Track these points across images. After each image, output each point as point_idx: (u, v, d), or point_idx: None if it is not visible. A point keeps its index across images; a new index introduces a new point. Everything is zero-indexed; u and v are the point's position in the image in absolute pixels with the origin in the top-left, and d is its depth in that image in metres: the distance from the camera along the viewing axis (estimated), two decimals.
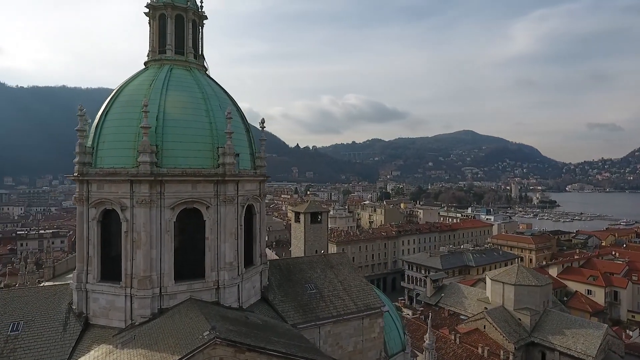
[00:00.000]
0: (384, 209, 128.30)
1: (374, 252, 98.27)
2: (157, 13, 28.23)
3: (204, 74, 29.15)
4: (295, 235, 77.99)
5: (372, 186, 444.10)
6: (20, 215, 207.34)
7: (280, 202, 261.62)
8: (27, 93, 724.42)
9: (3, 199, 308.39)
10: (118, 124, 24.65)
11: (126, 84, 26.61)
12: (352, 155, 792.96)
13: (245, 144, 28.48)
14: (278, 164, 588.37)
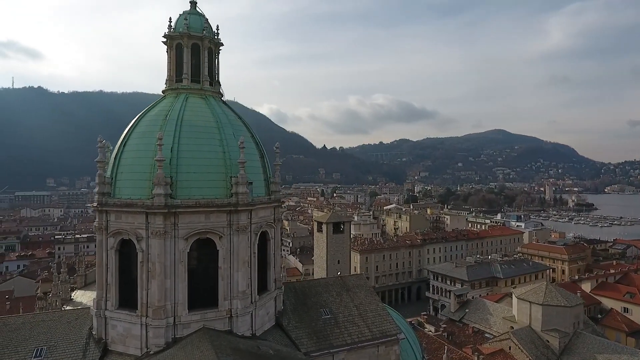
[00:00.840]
0: (410, 216, 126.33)
1: (398, 260, 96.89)
2: (174, 42, 28.81)
3: (219, 101, 29.57)
4: (318, 244, 77.97)
5: (400, 188, 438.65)
6: (59, 217, 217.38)
7: (306, 205, 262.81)
8: (67, 98, 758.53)
9: (45, 201, 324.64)
10: (135, 155, 25.31)
11: (144, 114, 27.30)
12: (379, 156, 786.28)
13: (259, 170, 28.61)
14: (305, 165, 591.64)
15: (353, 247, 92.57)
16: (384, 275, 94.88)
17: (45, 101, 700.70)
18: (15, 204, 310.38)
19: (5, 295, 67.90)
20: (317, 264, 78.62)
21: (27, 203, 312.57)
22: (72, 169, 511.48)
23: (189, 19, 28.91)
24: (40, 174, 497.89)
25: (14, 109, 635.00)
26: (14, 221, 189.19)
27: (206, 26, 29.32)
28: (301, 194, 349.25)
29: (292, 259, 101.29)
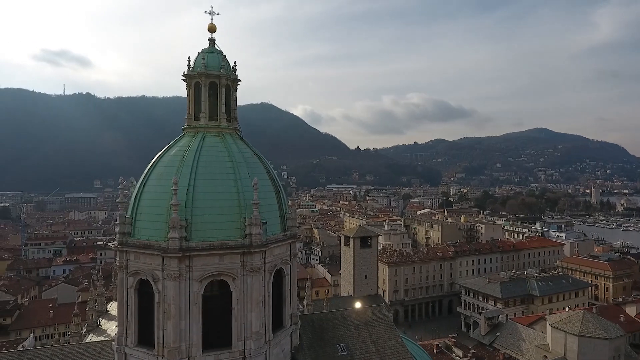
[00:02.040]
0: (442, 226, 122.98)
1: (429, 273, 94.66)
2: (192, 81, 29.45)
3: (236, 138, 29.84)
4: (345, 258, 77.54)
5: (434, 190, 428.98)
6: (104, 219, 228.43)
7: (338, 209, 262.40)
8: (113, 103, 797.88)
9: (91, 203, 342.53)
10: (153, 197, 26.08)
11: (163, 154, 28.08)
12: (413, 156, 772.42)
13: (275, 207, 28.70)
14: (338, 166, 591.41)
15: (382, 259, 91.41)
16: (413, 288, 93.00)
17: (93, 106, 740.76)
18: (65, 206, 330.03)
19: (49, 303, 71.99)
20: (345, 277, 78.21)
21: (76, 205, 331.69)
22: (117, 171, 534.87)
23: (207, 57, 29.46)
24: (88, 176, 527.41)
25: (65, 115, 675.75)
26: (63, 224, 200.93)
27: (224, 64, 29.76)
28: (333, 196, 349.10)
29: (321, 268, 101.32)
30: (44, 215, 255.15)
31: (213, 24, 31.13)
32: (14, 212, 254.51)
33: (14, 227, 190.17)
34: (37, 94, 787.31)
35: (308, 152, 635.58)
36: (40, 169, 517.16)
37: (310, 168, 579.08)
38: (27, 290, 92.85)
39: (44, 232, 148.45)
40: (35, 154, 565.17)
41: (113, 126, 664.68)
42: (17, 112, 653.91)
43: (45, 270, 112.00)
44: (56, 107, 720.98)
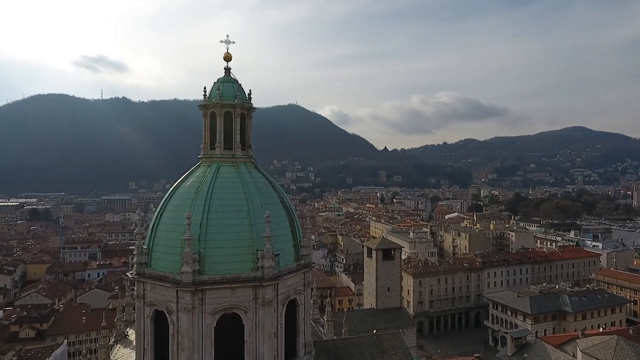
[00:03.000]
0: (469, 234, 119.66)
1: (455, 284, 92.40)
2: (208, 111, 29.98)
3: (250, 166, 30.07)
4: (368, 270, 76.85)
5: (464, 192, 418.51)
6: (137, 222, 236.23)
7: (364, 212, 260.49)
8: (147, 107, 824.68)
9: (126, 205, 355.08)
10: (168, 229, 26.68)
11: (180, 184, 28.72)
12: (442, 157, 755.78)
13: (288, 236, 28.76)
14: (365, 167, 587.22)
15: (406, 270, 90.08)
16: (439, 299, 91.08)
17: (128, 110, 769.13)
18: (102, 207, 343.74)
19: (82, 309, 75.05)
20: (367, 289, 77.54)
21: (112, 206, 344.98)
22: (150, 172, 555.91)
23: (222, 87, 29.87)
24: (124, 178, 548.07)
25: (103, 118, 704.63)
26: (99, 226, 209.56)
27: (238, 93, 30.04)
28: (360, 199, 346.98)
29: (345, 277, 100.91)
30: (82, 217, 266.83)
31: (229, 53, 31.59)
32: (55, 214, 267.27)
33: (55, 229, 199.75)
34: (77, 99, 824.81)
35: (335, 153, 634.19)
36: (80, 171, 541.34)
37: (337, 169, 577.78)
38: (64, 294, 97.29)
39: (80, 236, 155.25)
40: (75, 157, 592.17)
41: (147, 129, 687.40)
42: (59, 117, 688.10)
43: (81, 273, 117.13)
44: (94, 111, 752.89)
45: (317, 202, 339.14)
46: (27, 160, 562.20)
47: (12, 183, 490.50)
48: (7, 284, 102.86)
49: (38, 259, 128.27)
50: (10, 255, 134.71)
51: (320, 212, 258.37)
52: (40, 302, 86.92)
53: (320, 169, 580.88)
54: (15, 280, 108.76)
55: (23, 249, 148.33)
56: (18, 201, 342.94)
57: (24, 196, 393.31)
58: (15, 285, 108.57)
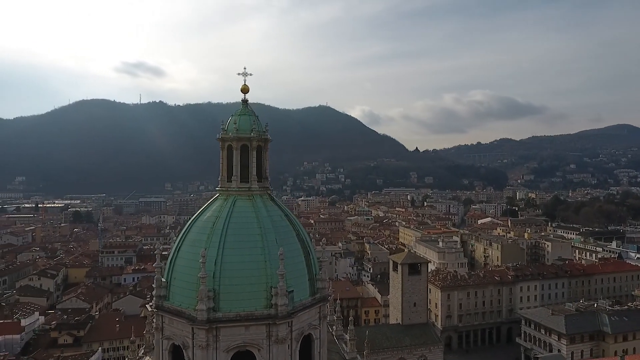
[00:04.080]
0: (501, 245, 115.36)
1: (486, 299, 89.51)
2: (225, 144, 30.45)
3: (266, 198, 30.19)
4: (394, 284, 75.89)
5: (499, 194, 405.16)
6: (171, 225, 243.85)
7: (394, 216, 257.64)
8: (182, 110, 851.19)
9: (162, 207, 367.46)
10: (185, 264, 27.27)
11: (197, 218, 29.30)
12: (476, 157, 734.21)
13: (303, 271, 28.71)
14: (396, 168, 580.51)
15: (434, 282, 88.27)
16: (468, 313, 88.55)
17: (165, 113, 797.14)
18: (139, 209, 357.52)
19: (116, 317, 78.18)
20: (393, 304, 76.54)
21: (148, 208, 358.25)
22: (185, 174, 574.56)
23: (239, 120, 30.25)
24: (160, 179, 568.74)
25: (141, 122, 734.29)
26: (135, 229, 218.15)
27: (254, 126, 30.22)
28: (390, 201, 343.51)
29: (371, 288, 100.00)
30: (120, 219, 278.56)
31: (246, 85, 32.00)
32: (96, 216, 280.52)
33: (95, 231, 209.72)
34: (118, 104, 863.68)
35: (366, 154, 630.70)
36: (119, 173, 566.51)
37: (367, 170, 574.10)
38: (101, 298, 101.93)
39: (117, 240, 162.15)
40: (115, 159, 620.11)
41: (182, 131, 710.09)
42: (101, 121, 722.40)
43: (117, 277, 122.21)
44: (133, 115, 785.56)
45: (346, 204, 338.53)
46: (71, 163, 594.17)
47: (58, 185, 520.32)
48: (50, 287, 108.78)
49: (79, 262, 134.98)
50: (54, 258, 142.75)
51: (349, 215, 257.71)
52: (79, 306, 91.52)
53: (351, 170, 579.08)
54: (57, 283, 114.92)
55: (66, 251, 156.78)
56: (63, 202, 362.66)
57: (68, 198, 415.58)
58: (58, 288, 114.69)
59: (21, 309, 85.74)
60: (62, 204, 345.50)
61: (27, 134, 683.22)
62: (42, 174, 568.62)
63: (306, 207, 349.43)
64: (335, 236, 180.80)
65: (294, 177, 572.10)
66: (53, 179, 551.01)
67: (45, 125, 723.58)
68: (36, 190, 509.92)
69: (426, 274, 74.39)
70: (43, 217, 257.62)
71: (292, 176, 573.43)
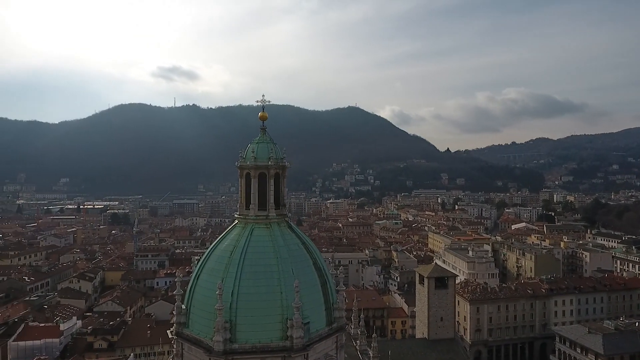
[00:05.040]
0: (535, 255, 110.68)
1: (517, 312, 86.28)
2: (244, 172, 30.96)
3: (284, 226, 30.39)
4: (420, 297, 74.61)
5: (535, 197, 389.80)
6: (202, 227, 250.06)
7: (423, 220, 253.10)
8: (214, 113, 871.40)
9: (194, 209, 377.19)
10: (203, 292, 27.87)
11: (216, 245, 29.90)
12: (511, 157, 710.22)
13: (320, 300, 28.70)
14: (426, 170, 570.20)
15: (462, 295, 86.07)
16: (499, 328, 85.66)
17: (198, 116, 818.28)
18: (173, 211, 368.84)
19: (147, 323, 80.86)
20: (419, 317, 75.25)
21: (182, 210, 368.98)
22: (217, 175, 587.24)
23: (257, 149, 30.68)
24: (193, 181, 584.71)
25: (175, 125, 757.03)
26: (169, 231, 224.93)
27: (272, 154, 30.56)
28: (420, 204, 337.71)
29: (398, 298, 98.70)
30: (155, 221, 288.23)
31: (264, 113, 32.49)
32: (132, 218, 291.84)
33: (132, 233, 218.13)
34: (154, 107, 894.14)
35: (395, 155, 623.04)
36: (155, 175, 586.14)
37: (397, 172, 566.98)
38: (135, 302, 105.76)
39: (151, 244, 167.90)
40: (151, 161, 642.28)
41: (214, 134, 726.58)
42: (138, 124, 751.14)
43: (150, 281, 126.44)
44: (168, 118, 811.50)
45: (375, 207, 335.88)
46: (111, 165, 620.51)
47: (99, 186, 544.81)
48: (88, 289, 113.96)
49: (115, 265, 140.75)
50: (93, 260, 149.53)
51: (377, 219, 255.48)
52: (114, 309, 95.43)
53: (380, 171, 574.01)
54: (95, 285, 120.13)
55: (104, 253, 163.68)
56: (102, 204, 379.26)
57: (107, 199, 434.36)
58: (95, 290, 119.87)
59: (61, 312, 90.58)
60: (102, 205, 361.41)
61: (71, 137, 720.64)
62: (84, 175, 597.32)
63: (335, 209, 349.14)
64: (363, 241, 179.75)
65: (323, 178, 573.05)
66: (94, 180, 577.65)
67: (87, 129, 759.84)
68: (79, 192, 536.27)
69: (454, 287, 72.66)
70: (84, 219, 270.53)
71: (321, 177, 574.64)
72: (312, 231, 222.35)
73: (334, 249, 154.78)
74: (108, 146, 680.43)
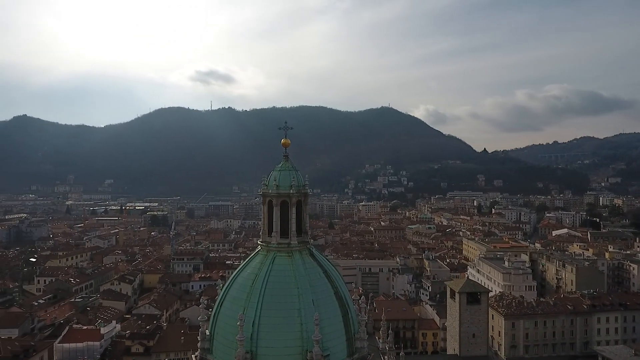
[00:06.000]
0: (576, 267, 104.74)
1: (556, 329, 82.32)
2: (266, 199, 31.42)
3: (306, 254, 30.48)
4: (451, 312, 72.77)
5: (578, 199, 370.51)
6: (236, 230, 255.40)
7: (458, 225, 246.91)
8: (249, 115, 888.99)
9: (229, 210, 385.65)
10: (226, 321, 28.44)
11: (239, 273, 30.40)
12: (552, 157, 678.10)
13: (341, 331, 28.56)
14: (462, 171, 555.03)
15: (497, 309, 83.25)
16: (536, 344, 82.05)
17: (233, 119, 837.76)
18: (209, 212, 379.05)
19: (181, 329, 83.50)
20: (450, 333, 73.41)
21: (217, 211, 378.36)
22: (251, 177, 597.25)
23: (279, 177, 31.02)
24: (228, 182, 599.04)
25: (211, 127, 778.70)
26: (204, 233, 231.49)
27: (294, 182, 30.80)
28: (454, 207, 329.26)
29: (429, 309, 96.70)
30: (192, 223, 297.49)
31: (287, 140, 32.77)
32: (171, 219, 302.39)
33: (169, 235, 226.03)
34: (191, 110, 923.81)
35: (429, 156, 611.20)
36: (192, 176, 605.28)
37: (431, 173, 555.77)
38: (171, 305, 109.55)
39: (187, 247, 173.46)
40: (189, 163, 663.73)
41: (248, 136, 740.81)
42: (177, 127, 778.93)
43: (185, 284, 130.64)
44: (205, 121, 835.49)
45: (408, 210, 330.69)
46: (151, 167, 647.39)
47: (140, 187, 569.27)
48: (128, 291, 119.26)
49: (153, 267, 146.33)
50: (133, 262, 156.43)
51: (410, 223, 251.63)
52: (151, 312, 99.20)
53: (413, 172, 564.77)
54: (134, 287, 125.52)
55: (143, 255, 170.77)
56: (143, 205, 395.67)
57: (148, 200, 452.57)
58: (135, 292, 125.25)
59: (103, 313, 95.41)
60: (142, 207, 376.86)
61: (115, 140, 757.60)
62: (127, 177, 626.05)
63: (367, 212, 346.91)
64: (395, 246, 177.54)
65: (356, 180, 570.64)
66: (136, 181, 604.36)
67: (129, 132, 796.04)
68: (122, 193, 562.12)
69: (487, 303, 70.36)
70: (125, 220, 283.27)
71: (354, 179, 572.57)
72: (343, 235, 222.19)
73: (364, 255, 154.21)
74: (149, 148, 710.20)
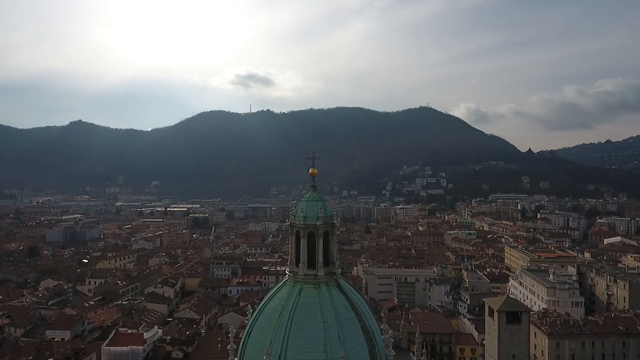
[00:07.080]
0: (629, 284, 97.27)
1: (606, 351, 77.15)
2: (294, 230, 31.82)
3: (332, 286, 30.54)
4: (489, 331, 70.02)
5: (634, 203, 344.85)
6: (274, 233, 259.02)
7: (500, 230, 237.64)
8: (286, 117, 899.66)
9: (267, 213, 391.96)
10: (253, 351, 29.07)
11: (266, 304, 30.85)
12: (605, 158, 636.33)
13: None
14: (505, 172, 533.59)
15: (540, 327, 79.36)
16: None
17: (271, 121, 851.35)
18: (248, 214, 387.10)
19: (218, 336, 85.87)
20: (488, 352, 70.64)
21: (255, 213, 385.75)
22: (289, 179, 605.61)
23: (306, 208, 31.32)
24: (267, 184, 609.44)
25: (251, 130, 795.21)
26: (243, 236, 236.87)
27: (321, 214, 30.95)
28: (497, 211, 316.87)
29: (467, 323, 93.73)
30: (231, 225, 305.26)
31: (315, 170, 33.09)
32: (211, 222, 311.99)
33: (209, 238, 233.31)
34: (231, 114, 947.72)
35: (470, 156, 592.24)
36: (232, 178, 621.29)
37: (471, 175, 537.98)
38: (209, 309, 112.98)
39: (225, 252, 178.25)
40: (229, 165, 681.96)
41: (286, 138, 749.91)
42: (218, 130, 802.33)
43: (224, 289, 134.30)
44: (244, 123, 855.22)
45: (447, 214, 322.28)
46: (194, 169, 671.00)
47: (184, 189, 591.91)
48: (170, 294, 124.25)
49: (194, 270, 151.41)
50: (175, 265, 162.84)
51: (449, 228, 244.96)
52: (191, 316, 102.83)
53: (453, 174, 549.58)
54: (176, 291, 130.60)
55: (185, 258, 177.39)
56: (186, 206, 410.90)
57: (190, 201, 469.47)
58: (177, 295, 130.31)
59: (147, 316, 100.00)
60: (185, 208, 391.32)
61: (161, 143, 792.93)
62: (171, 178, 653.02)
63: (404, 215, 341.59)
64: (433, 253, 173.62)
65: (393, 181, 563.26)
66: (179, 183, 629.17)
67: (174, 135, 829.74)
68: (167, 194, 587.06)
69: (528, 323, 67.03)
70: (169, 222, 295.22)
71: (392, 180, 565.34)
72: (379, 240, 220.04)
73: (401, 262, 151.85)
74: (192, 150, 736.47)
